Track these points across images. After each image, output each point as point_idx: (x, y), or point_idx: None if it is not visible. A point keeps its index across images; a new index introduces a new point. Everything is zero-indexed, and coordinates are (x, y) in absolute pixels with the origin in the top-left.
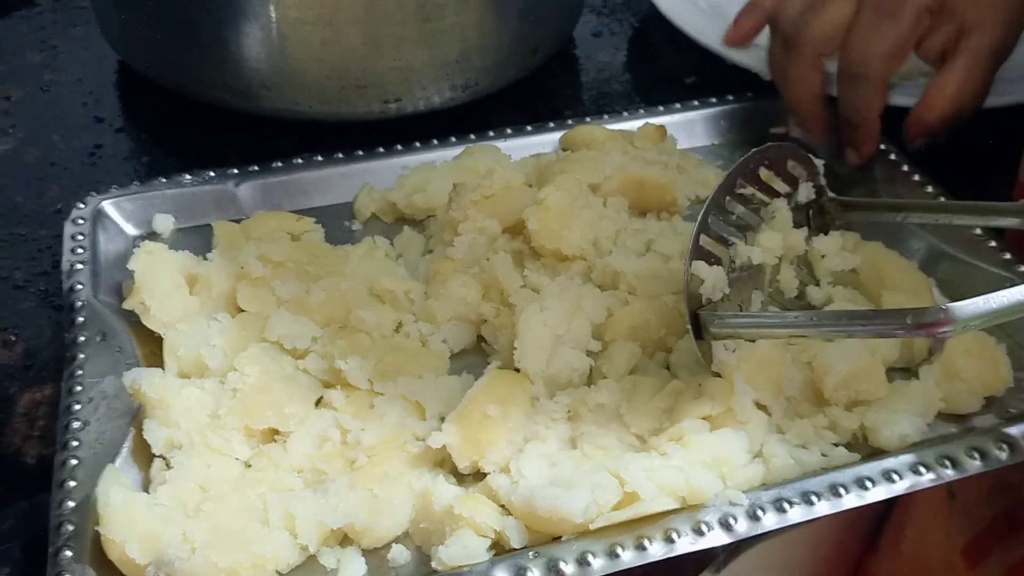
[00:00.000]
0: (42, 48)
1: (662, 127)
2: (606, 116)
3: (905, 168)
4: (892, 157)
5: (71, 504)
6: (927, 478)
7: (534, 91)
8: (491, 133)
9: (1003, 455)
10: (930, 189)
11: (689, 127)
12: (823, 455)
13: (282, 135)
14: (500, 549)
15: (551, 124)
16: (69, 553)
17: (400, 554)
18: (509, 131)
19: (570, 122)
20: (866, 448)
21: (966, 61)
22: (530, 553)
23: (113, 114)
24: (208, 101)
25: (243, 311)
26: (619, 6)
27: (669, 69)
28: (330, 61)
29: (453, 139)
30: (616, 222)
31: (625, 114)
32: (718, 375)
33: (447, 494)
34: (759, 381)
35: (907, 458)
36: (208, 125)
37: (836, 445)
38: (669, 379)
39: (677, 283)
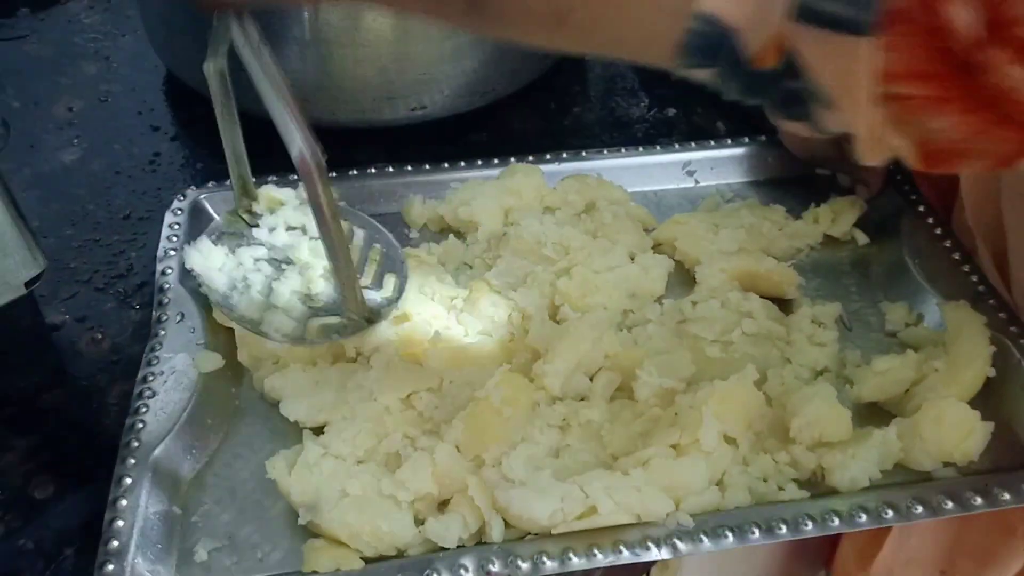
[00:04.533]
0: (96, 59)
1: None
2: (623, 150)
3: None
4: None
5: (132, 461)
6: (863, 520)
7: (546, 90)
8: (531, 158)
9: (947, 506)
10: (931, 220)
11: (720, 163)
12: (779, 488)
13: (320, 140)
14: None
15: (583, 153)
16: (125, 502)
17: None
18: (548, 156)
19: (606, 151)
20: (823, 486)
21: None
22: (495, 547)
23: (167, 123)
24: (250, 113)
25: None
26: None
27: None
28: (362, 77)
29: (512, 160)
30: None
31: (658, 148)
32: None
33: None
34: (730, 415)
35: (851, 501)
36: (253, 132)
37: (796, 480)
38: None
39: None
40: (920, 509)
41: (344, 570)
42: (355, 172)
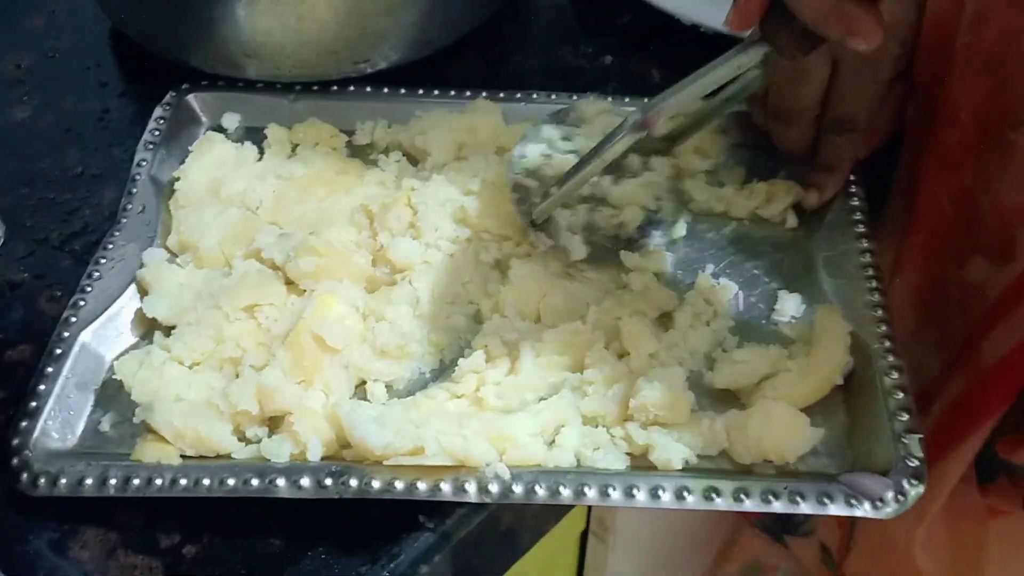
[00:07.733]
0: (41, 13)
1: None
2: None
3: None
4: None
5: (66, 334)
6: (665, 499)
7: (488, 39)
8: (501, 95)
9: (744, 504)
10: (857, 216)
11: None
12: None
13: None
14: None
15: (552, 96)
16: (51, 369)
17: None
18: (518, 95)
19: (574, 97)
20: (646, 461)
21: (905, 88)
22: (332, 465)
23: (114, 78)
24: (196, 67)
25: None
26: None
27: (609, 9)
28: (304, 32)
29: (484, 93)
30: None
31: (627, 100)
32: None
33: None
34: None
35: (655, 480)
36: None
37: (628, 455)
38: None
39: None
40: (717, 500)
41: (165, 463)
42: (335, 88)
